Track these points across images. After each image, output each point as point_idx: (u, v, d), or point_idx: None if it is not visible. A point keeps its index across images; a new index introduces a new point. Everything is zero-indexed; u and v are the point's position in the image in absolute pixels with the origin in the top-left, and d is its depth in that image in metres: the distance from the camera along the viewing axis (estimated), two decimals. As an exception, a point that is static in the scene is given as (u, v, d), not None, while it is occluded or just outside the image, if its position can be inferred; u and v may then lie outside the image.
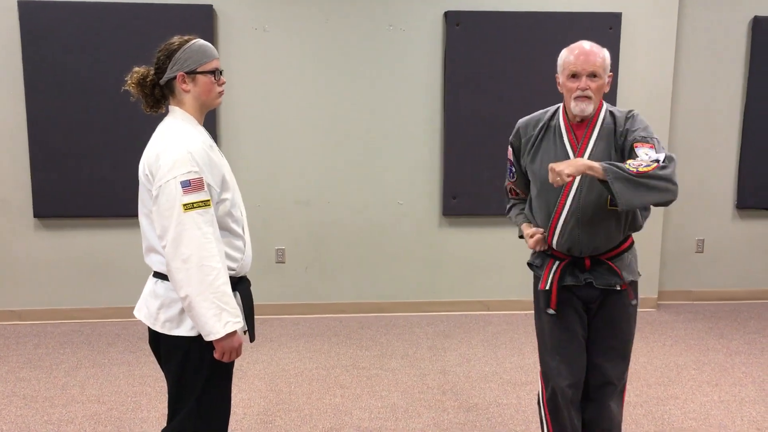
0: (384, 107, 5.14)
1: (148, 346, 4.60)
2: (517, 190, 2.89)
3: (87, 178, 4.95)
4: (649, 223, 5.34)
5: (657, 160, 2.36)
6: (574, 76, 2.53)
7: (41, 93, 4.85)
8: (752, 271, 5.72)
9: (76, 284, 5.15)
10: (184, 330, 2.21)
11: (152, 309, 2.28)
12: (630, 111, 2.60)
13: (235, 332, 2.18)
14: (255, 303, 2.47)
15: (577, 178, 2.54)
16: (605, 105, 2.64)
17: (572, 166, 2.32)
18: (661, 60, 5.22)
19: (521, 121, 2.77)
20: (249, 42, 5.00)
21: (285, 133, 5.12)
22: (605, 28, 5.08)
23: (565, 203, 2.57)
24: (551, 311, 2.68)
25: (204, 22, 4.86)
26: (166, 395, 3.73)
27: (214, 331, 2.12)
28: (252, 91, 5.06)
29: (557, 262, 2.67)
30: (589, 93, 2.52)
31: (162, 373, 4.15)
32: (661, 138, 5.29)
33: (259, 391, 3.96)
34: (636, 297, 2.73)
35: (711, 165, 5.55)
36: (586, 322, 2.72)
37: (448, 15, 5.02)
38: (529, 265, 2.82)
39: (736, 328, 5.06)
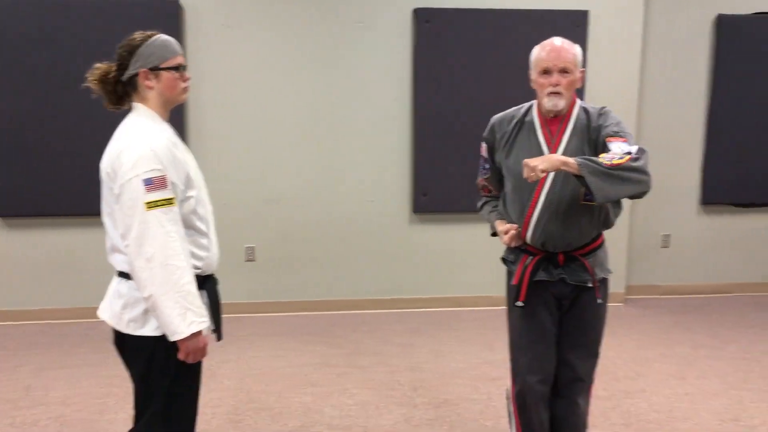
0: (354, 104, 5.13)
1: (114, 347, 4.54)
2: (490, 187, 2.90)
3: (51, 177, 4.87)
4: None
5: (629, 152, 2.38)
6: (546, 72, 2.55)
7: (2, 91, 4.76)
8: (717, 266, 5.83)
9: (41, 284, 5.07)
10: (149, 330, 2.17)
11: (116, 309, 2.24)
12: (603, 107, 2.63)
13: (200, 332, 2.14)
14: (225, 301, 2.44)
15: (552, 173, 2.56)
16: (579, 101, 2.66)
17: (547, 162, 2.34)
18: (628, 57, 5.29)
19: (495, 117, 2.77)
20: (217, 38, 4.96)
21: (254, 131, 5.09)
22: (572, 26, 5.12)
23: (539, 198, 2.59)
24: (520, 304, 2.69)
25: (171, 18, 4.81)
26: (132, 396, 3.70)
27: (178, 331, 2.09)
28: (220, 89, 5.01)
29: (531, 258, 2.68)
30: (560, 89, 2.53)
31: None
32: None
33: (229, 390, 3.93)
34: (606, 294, 2.76)
35: (676, 161, 5.63)
36: (558, 318, 2.74)
37: (417, 12, 5.02)
38: (503, 260, 2.83)
39: (701, 322, 5.15)
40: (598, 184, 2.31)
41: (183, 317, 2.08)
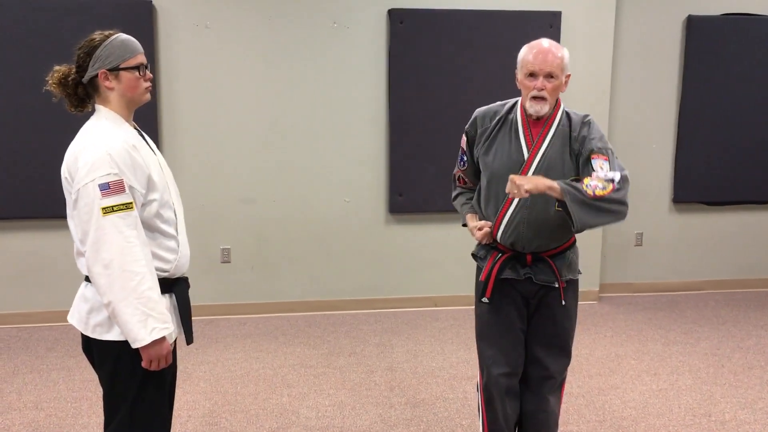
0: (329, 105, 5.13)
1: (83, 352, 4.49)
2: (466, 179, 2.91)
3: (19, 179, 4.80)
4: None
5: (612, 180, 2.44)
6: (532, 75, 2.54)
7: (-28, 91, 4.69)
8: (688, 264, 5.91)
9: (12, 288, 4.99)
10: (115, 334, 2.13)
11: (82, 313, 2.21)
12: (586, 116, 2.63)
13: (163, 339, 2.10)
14: (200, 303, 2.41)
15: (530, 173, 2.58)
16: (563, 106, 2.67)
17: (533, 183, 2.38)
18: (600, 57, 5.34)
19: (479, 110, 2.77)
20: (190, 39, 4.92)
21: (228, 131, 5.06)
22: (546, 27, 5.16)
23: (513, 199, 2.60)
24: (485, 300, 2.73)
25: (143, 18, 4.76)
26: (102, 398, 3.66)
27: (139, 338, 2.05)
28: (194, 89, 4.98)
29: (500, 255, 2.70)
30: (544, 94, 2.53)
31: (103, 378, 4.06)
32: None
33: (204, 392, 3.91)
34: (576, 294, 2.77)
35: (648, 160, 5.70)
36: (526, 315, 2.76)
37: (391, 13, 5.03)
38: (474, 255, 2.85)
39: (674, 319, 5.22)
40: (579, 213, 2.41)
41: (144, 324, 2.04)
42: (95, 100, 2.20)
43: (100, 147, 2.05)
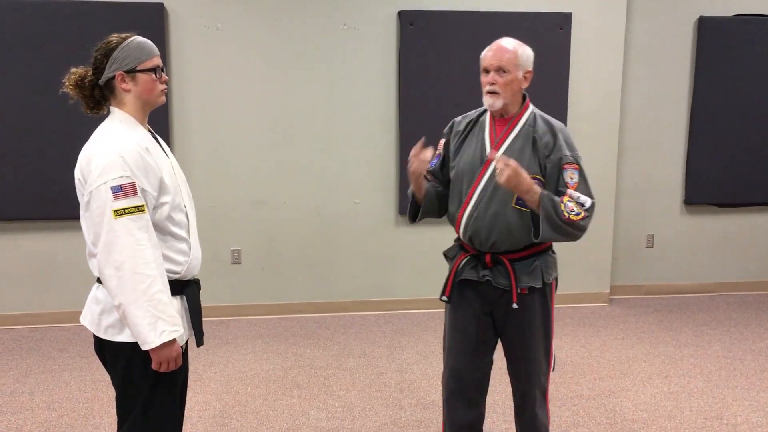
0: (339, 106, 5.14)
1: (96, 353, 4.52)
2: (430, 178, 2.89)
3: (33, 180, 4.84)
4: (600, 219, 5.45)
5: (584, 206, 2.51)
6: (486, 70, 2.59)
7: (-15, 93, 4.73)
8: (700, 266, 5.88)
9: (25, 289, 5.03)
10: (127, 336, 2.14)
11: (95, 315, 2.22)
12: (557, 125, 2.62)
13: (173, 341, 2.11)
14: (211, 305, 2.42)
15: (488, 172, 2.59)
16: (531, 107, 2.67)
17: (516, 176, 2.38)
18: (611, 59, 5.32)
19: (457, 117, 2.85)
20: (201, 41, 4.95)
21: (239, 133, 5.08)
22: (556, 28, 5.15)
23: (474, 193, 2.62)
24: (444, 299, 2.77)
25: (155, 21, 4.79)
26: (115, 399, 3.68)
27: (149, 341, 2.06)
28: (205, 91, 5.00)
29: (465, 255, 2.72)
30: (495, 88, 2.55)
31: (115, 378, 4.08)
32: (610, 135, 5.41)
33: (215, 393, 3.92)
34: (544, 305, 2.67)
35: (659, 162, 5.68)
36: (491, 323, 2.73)
37: (402, 14, 5.04)
38: (444, 255, 2.87)
39: (685, 321, 5.19)
40: (546, 230, 2.48)
41: (153, 327, 2.05)
42: (111, 102, 2.21)
43: (113, 150, 2.06)
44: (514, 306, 2.61)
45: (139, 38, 2.19)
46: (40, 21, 4.69)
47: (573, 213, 2.47)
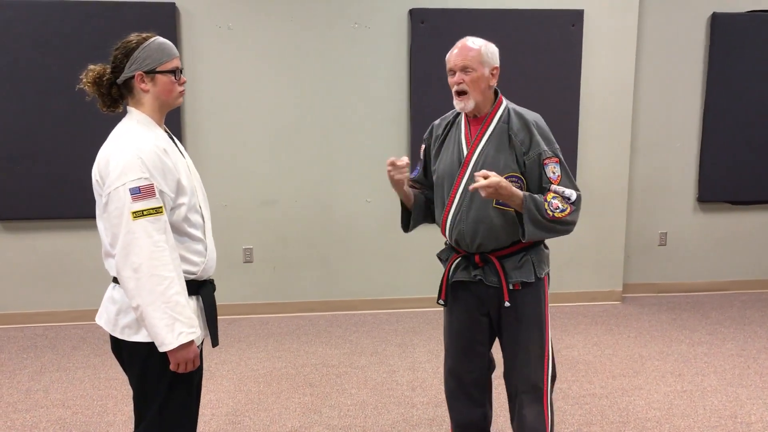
0: (350, 105, 5.14)
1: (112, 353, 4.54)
2: (417, 187, 2.91)
3: (48, 179, 4.88)
4: (612, 217, 5.43)
5: (569, 200, 2.50)
6: (452, 71, 2.58)
7: (0, 94, 4.76)
8: (714, 264, 5.84)
9: (40, 287, 5.07)
10: (144, 336, 2.14)
11: (111, 315, 2.22)
12: (529, 119, 2.57)
13: (190, 342, 2.11)
14: (223, 303, 2.43)
15: (467, 173, 2.58)
16: (505, 102, 2.63)
17: (495, 189, 2.37)
18: (623, 56, 5.30)
19: (436, 120, 2.84)
20: (213, 40, 4.96)
21: (250, 132, 5.10)
22: (568, 25, 5.13)
23: (455, 196, 2.61)
24: (441, 302, 2.77)
25: (167, 20, 4.81)
26: (131, 398, 3.70)
27: (166, 342, 2.06)
28: (216, 91, 5.02)
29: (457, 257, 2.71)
30: (463, 87, 2.53)
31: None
32: (623, 133, 5.39)
33: (228, 391, 3.94)
34: (537, 299, 2.62)
35: (672, 159, 5.64)
36: (483, 322, 2.71)
37: (413, 12, 5.03)
38: (438, 258, 2.86)
39: (699, 320, 5.16)
40: (532, 230, 2.47)
41: (171, 328, 2.05)
42: (128, 101, 2.21)
43: (132, 151, 2.06)
44: (506, 304, 2.58)
45: (160, 39, 2.19)
46: (53, 21, 4.73)
47: (558, 210, 2.47)
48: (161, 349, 2.09)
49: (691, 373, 4.18)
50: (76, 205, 4.90)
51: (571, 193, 2.51)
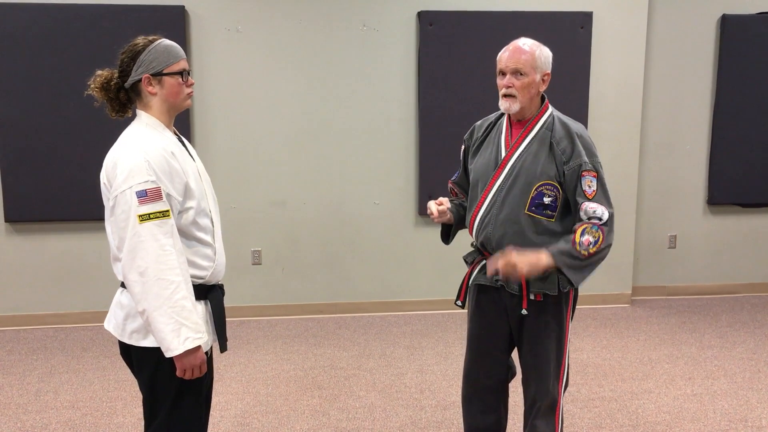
0: (358, 107, 5.14)
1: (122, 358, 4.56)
2: (457, 190, 2.89)
3: (58, 182, 4.90)
4: (622, 219, 5.41)
5: (600, 220, 2.45)
6: (502, 73, 2.52)
7: (11, 96, 4.79)
8: (724, 266, 5.81)
9: (49, 289, 5.09)
10: (152, 341, 2.12)
11: (119, 320, 2.21)
12: (573, 129, 2.52)
13: (197, 348, 2.09)
14: (231, 305, 2.43)
15: (502, 176, 2.55)
16: (551, 110, 2.59)
17: (528, 266, 2.39)
18: (632, 58, 5.28)
19: (478, 122, 2.80)
20: (222, 43, 4.98)
21: (259, 134, 5.11)
22: (577, 27, 5.12)
23: (486, 197, 2.59)
24: (458, 304, 2.77)
25: (176, 23, 4.83)
26: (141, 399, 3.71)
27: (172, 348, 2.04)
28: (225, 93, 5.03)
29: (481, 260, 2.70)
30: (512, 91, 2.48)
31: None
32: (632, 135, 5.37)
33: (236, 393, 3.95)
34: (559, 312, 2.58)
35: (682, 161, 5.62)
36: (502, 329, 2.67)
37: (421, 15, 5.03)
38: (464, 260, 2.84)
39: (709, 323, 5.13)
40: (575, 276, 2.45)
41: (177, 333, 2.03)
42: (136, 105, 2.21)
43: (139, 154, 2.05)
44: (524, 312, 2.55)
45: (166, 41, 2.18)
46: (62, 24, 4.75)
47: (592, 245, 2.42)
48: (167, 355, 2.07)
49: (701, 376, 4.15)
50: (85, 207, 4.92)
51: (603, 213, 2.45)
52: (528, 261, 2.39)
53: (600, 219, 2.44)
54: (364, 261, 5.33)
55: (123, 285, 2.20)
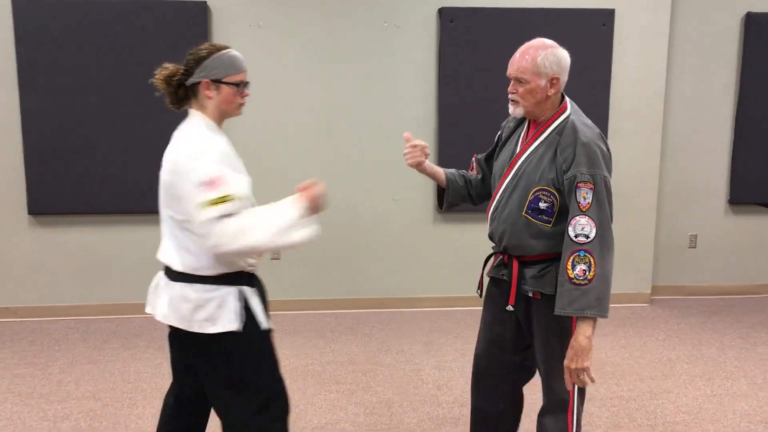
0: (378, 103, 5.15)
1: (143, 343, 4.61)
2: (475, 166, 2.91)
3: (81, 175, 4.95)
4: (642, 218, 5.38)
5: (588, 238, 2.34)
6: (510, 78, 2.56)
7: (35, 90, 4.84)
8: (745, 266, 5.76)
9: (72, 281, 5.15)
10: (221, 326, 2.24)
11: (184, 312, 2.28)
12: (581, 137, 2.41)
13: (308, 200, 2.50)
14: (251, 300, 2.51)
15: (510, 175, 2.56)
16: (568, 112, 2.52)
17: (579, 363, 2.42)
18: (654, 56, 5.24)
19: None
20: (243, 38, 5.00)
21: (279, 130, 5.13)
22: (598, 25, 5.09)
23: (497, 193, 2.62)
24: (478, 292, 2.89)
25: (198, 19, 4.86)
26: (161, 391, 3.75)
27: (296, 213, 2.48)
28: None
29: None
30: (515, 97, 2.51)
31: (157, 370, 4.16)
32: (653, 134, 5.33)
33: (255, 387, 3.97)
34: (553, 312, 2.48)
35: (704, 160, 5.57)
36: (511, 321, 2.66)
37: (442, 11, 5.03)
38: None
39: (729, 323, 5.09)
40: (600, 307, 2.38)
41: (290, 222, 2.45)
42: (192, 104, 2.34)
43: (206, 147, 2.20)
44: (509, 308, 2.57)
45: (233, 52, 2.34)
46: (86, 19, 4.79)
47: (588, 272, 2.34)
48: (298, 214, 2.49)
49: (721, 377, 4.12)
50: (108, 200, 4.96)
51: (591, 230, 2.34)
52: (575, 356, 2.42)
53: (587, 237, 2.34)
54: (382, 257, 5.34)
55: (178, 278, 2.28)
